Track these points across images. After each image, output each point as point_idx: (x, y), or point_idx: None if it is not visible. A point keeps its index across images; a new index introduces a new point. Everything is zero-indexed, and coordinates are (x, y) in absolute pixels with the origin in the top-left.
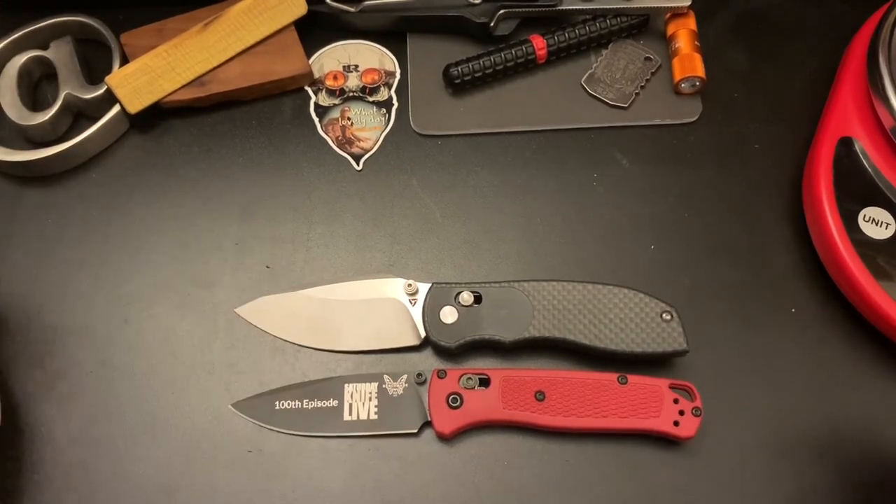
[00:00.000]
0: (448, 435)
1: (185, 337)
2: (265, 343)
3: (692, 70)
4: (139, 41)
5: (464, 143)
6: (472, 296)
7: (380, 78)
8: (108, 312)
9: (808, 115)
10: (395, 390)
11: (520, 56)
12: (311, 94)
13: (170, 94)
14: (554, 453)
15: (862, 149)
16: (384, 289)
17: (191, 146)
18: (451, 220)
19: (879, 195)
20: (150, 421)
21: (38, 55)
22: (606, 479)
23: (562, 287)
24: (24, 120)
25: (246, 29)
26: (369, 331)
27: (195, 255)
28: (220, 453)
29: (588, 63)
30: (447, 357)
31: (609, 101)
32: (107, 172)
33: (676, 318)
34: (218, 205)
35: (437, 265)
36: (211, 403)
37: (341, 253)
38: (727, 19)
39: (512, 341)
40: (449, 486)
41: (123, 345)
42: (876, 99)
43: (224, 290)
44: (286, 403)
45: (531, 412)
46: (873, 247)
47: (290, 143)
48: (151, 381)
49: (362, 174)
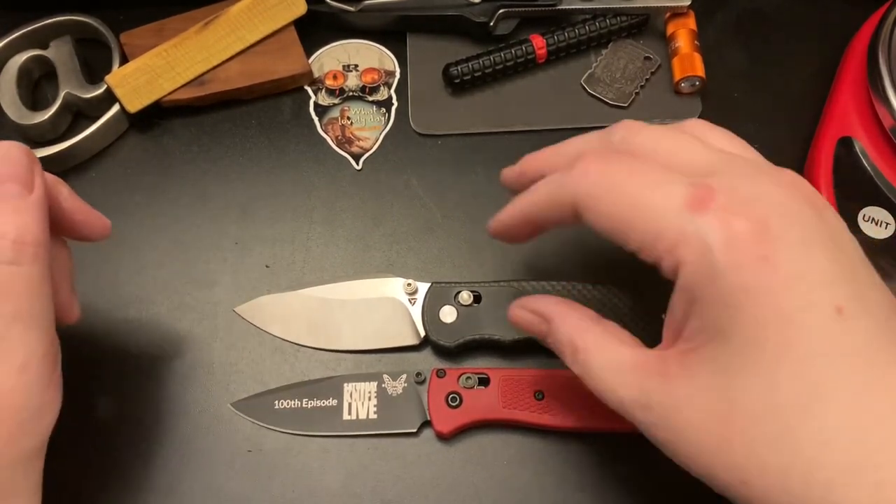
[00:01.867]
0: (447, 434)
1: (184, 336)
2: (265, 342)
3: (692, 70)
4: (139, 41)
5: (464, 142)
6: (471, 295)
7: (379, 77)
8: (108, 312)
9: (808, 115)
10: (394, 390)
11: (519, 56)
12: (311, 94)
13: (169, 94)
14: (553, 453)
15: (862, 149)
16: (383, 288)
17: (190, 145)
18: (450, 220)
19: (879, 195)
20: (149, 420)
21: (37, 54)
22: (606, 478)
23: (561, 287)
24: (23, 119)
25: (245, 28)
26: (369, 330)
27: (194, 255)
28: (220, 453)
29: (588, 62)
30: (446, 356)
31: (609, 101)
32: (106, 171)
33: None
34: (217, 204)
35: (437, 265)
36: (210, 403)
37: (341, 252)
38: (727, 19)
39: (511, 341)
40: (448, 486)
41: (123, 344)
42: (876, 99)
43: (223, 290)
44: (285, 403)
45: (531, 412)
46: (873, 247)
47: (290, 143)
48: (151, 381)
49: (362, 173)
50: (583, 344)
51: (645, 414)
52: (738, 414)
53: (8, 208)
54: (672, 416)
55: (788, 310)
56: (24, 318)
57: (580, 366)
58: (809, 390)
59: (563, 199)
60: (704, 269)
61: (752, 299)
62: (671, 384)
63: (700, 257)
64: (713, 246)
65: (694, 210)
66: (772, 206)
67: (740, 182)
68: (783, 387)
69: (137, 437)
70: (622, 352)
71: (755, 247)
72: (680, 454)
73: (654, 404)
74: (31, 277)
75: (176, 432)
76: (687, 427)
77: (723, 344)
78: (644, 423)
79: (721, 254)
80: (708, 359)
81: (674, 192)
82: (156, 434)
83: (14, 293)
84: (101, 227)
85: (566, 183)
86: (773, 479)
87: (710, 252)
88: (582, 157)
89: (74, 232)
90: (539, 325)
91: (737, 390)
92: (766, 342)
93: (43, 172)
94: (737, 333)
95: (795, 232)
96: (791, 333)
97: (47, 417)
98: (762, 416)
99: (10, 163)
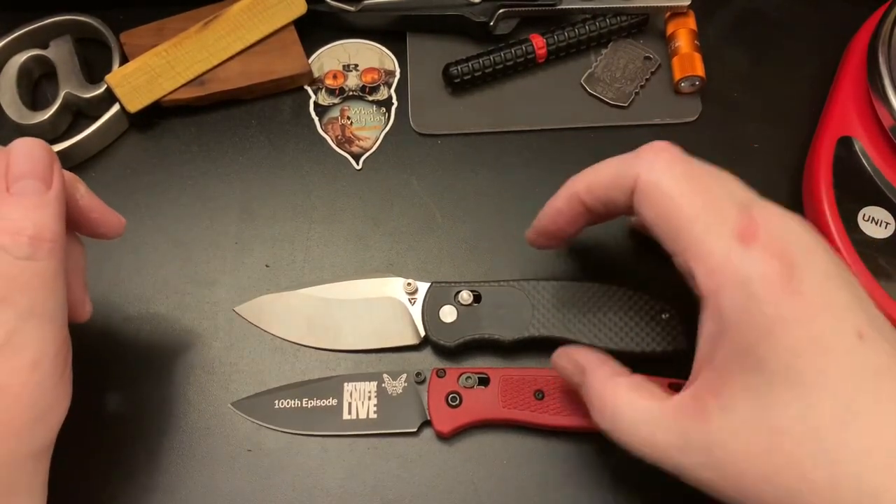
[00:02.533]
0: (447, 434)
1: (184, 336)
2: (265, 342)
3: (692, 69)
4: (139, 40)
5: (463, 142)
6: (471, 295)
7: (379, 77)
8: (108, 311)
9: (807, 115)
10: (394, 389)
11: (519, 55)
12: (311, 94)
13: (169, 93)
14: (553, 452)
15: (862, 148)
16: (383, 288)
17: (190, 145)
18: (450, 220)
19: (879, 194)
20: (149, 419)
21: (37, 54)
22: (606, 478)
23: (561, 286)
24: (23, 119)
25: (245, 28)
26: (369, 330)
27: (194, 254)
28: (220, 452)
29: (588, 62)
30: (446, 356)
31: (609, 101)
32: (106, 171)
33: (676, 318)
34: (217, 204)
35: (437, 264)
36: (210, 402)
37: (341, 252)
38: (727, 19)
39: (511, 340)
40: (448, 485)
41: (122, 344)
42: (876, 99)
43: (223, 289)
44: (285, 402)
45: (530, 411)
46: (873, 246)
47: (290, 143)
48: (150, 380)
49: (362, 173)
50: (613, 397)
51: (686, 457)
52: (781, 438)
53: (27, 204)
54: (715, 453)
55: (820, 337)
56: (39, 314)
57: (610, 422)
58: (845, 408)
59: (627, 177)
60: (743, 299)
61: (787, 329)
62: (710, 422)
63: (741, 287)
64: (755, 278)
65: (742, 241)
66: (799, 241)
67: (771, 216)
68: (821, 407)
69: (137, 437)
70: (653, 401)
71: (789, 280)
72: (727, 489)
73: (694, 445)
74: (46, 273)
75: (176, 431)
76: (732, 460)
77: (758, 372)
78: (685, 467)
79: (760, 286)
80: (744, 388)
81: (728, 217)
82: (156, 433)
83: (30, 288)
84: (115, 225)
85: (635, 163)
86: (823, 495)
87: (751, 283)
88: (651, 145)
89: (89, 229)
90: (576, 375)
91: (777, 417)
92: (801, 367)
93: (61, 169)
94: (772, 360)
95: (819, 265)
96: (823, 358)
97: (57, 415)
98: (804, 437)
99: (29, 159)
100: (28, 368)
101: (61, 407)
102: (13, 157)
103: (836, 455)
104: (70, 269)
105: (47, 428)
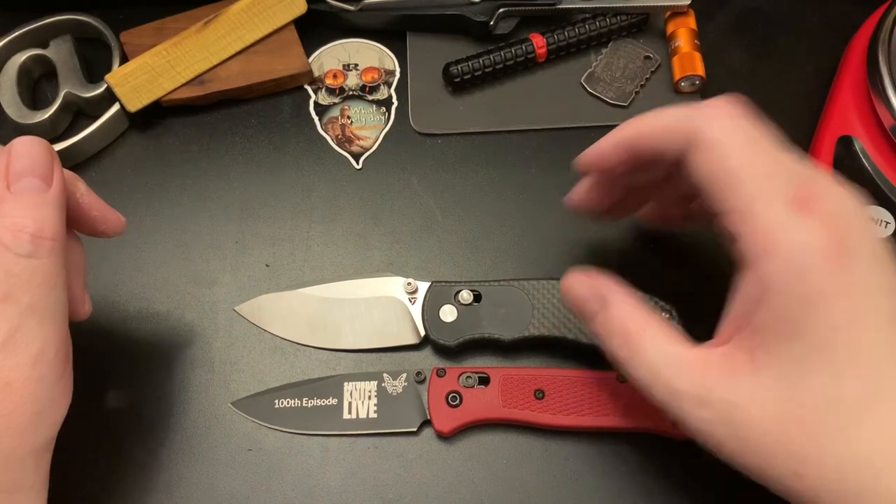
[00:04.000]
0: (447, 433)
1: (184, 335)
2: (265, 341)
3: (692, 69)
4: (139, 40)
5: (464, 141)
6: (471, 294)
7: (379, 76)
8: (108, 310)
9: (808, 115)
10: (394, 389)
11: (519, 55)
12: (311, 93)
13: (169, 93)
14: (553, 452)
15: (862, 148)
16: (384, 287)
17: (190, 145)
18: (450, 219)
19: (879, 194)
20: (149, 419)
21: (37, 54)
22: (605, 477)
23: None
24: (23, 118)
25: (245, 27)
26: (369, 329)
27: (195, 254)
28: (220, 452)
29: (588, 62)
30: (446, 355)
31: (609, 100)
32: (106, 171)
33: (676, 317)
34: (217, 203)
35: (437, 264)
36: (210, 402)
37: (341, 251)
38: (727, 18)
39: (511, 340)
40: (448, 485)
41: (122, 343)
42: (876, 98)
43: (224, 289)
44: (286, 402)
45: (530, 411)
46: None
47: (290, 142)
48: (150, 380)
49: (362, 173)
50: (638, 330)
51: (701, 410)
52: (802, 408)
53: (28, 202)
54: (734, 412)
55: (860, 316)
56: (40, 311)
57: (629, 351)
58: (872, 388)
59: (684, 130)
60: (793, 267)
61: (830, 303)
62: (737, 381)
63: (791, 255)
64: (806, 248)
65: (798, 209)
66: (853, 219)
67: (830, 189)
68: (846, 384)
69: (137, 436)
70: (680, 346)
71: (839, 256)
72: (735, 449)
73: (714, 400)
74: (48, 271)
75: (176, 431)
76: (748, 422)
77: (795, 341)
78: (696, 419)
79: (811, 256)
80: (777, 354)
81: (786, 183)
82: (156, 432)
83: (32, 285)
84: (115, 223)
85: (696, 115)
86: (828, 469)
87: (802, 252)
88: (715, 99)
89: (89, 227)
90: (591, 302)
91: (804, 387)
92: (837, 343)
93: (62, 168)
94: (810, 331)
95: (868, 246)
96: (860, 337)
97: (58, 412)
98: (825, 410)
99: (30, 157)
100: (30, 365)
101: (62, 404)
102: (14, 156)
103: (853, 432)
104: (70, 268)
105: (48, 425)
